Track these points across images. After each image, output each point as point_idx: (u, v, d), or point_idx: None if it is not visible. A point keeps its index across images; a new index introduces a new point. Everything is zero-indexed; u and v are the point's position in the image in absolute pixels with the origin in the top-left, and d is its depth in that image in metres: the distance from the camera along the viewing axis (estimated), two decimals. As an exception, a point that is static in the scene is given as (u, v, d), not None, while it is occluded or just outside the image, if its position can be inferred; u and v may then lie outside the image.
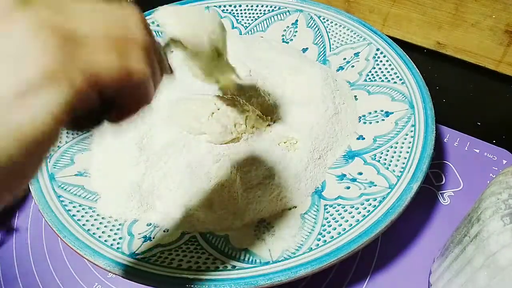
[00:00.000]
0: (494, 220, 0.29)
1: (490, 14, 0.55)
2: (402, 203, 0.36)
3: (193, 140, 0.42)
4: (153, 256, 0.35)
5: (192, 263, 0.35)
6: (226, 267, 0.34)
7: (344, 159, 0.43)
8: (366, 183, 0.40)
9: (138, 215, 0.40)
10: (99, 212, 0.39)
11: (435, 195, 0.46)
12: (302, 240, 0.36)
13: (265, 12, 0.58)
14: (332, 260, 0.33)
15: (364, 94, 0.48)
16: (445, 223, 0.44)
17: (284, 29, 0.57)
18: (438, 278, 0.37)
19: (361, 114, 0.47)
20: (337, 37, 0.54)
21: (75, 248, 0.35)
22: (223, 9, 0.58)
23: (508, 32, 0.55)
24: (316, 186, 0.41)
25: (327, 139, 0.43)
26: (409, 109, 0.44)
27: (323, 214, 0.38)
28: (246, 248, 0.36)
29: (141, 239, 0.37)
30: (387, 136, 0.43)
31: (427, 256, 0.41)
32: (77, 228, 0.37)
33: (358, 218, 0.36)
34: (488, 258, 0.29)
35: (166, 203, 0.40)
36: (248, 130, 0.42)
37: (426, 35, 0.62)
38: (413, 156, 0.39)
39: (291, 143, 0.42)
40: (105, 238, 0.37)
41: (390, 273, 0.41)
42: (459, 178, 0.47)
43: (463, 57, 0.61)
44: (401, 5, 0.61)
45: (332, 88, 0.47)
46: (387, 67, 0.49)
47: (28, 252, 0.44)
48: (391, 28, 0.64)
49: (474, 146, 0.50)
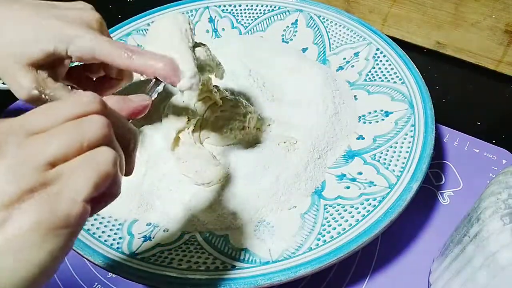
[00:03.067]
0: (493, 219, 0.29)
1: (490, 14, 0.55)
2: (402, 203, 0.36)
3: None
4: (153, 256, 0.35)
5: (192, 263, 0.35)
6: (226, 267, 0.34)
7: (344, 159, 0.43)
8: (366, 183, 0.40)
9: (138, 215, 0.40)
10: (99, 212, 0.39)
11: (435, 195, 0.46)
12: (302, 240, 0.36)
13: (265, 12, 0.58)
14: (331, 260, 0.33)
15: (364, 94, 0.48)
16: (445, 223, 0.44)
17: (284, 29, 0.57)
18: (438, 278, 0.37)
19: (361, 114, 0.47)
20: (337, 37, 0.54)
21: (75, 248, 0.35)
22: (223, 9, 0.58)
23: (508, 32, 0.55)
24: (316, 186, 0.41)
25: (327, 139, 0.43)
26: (409, 109, 0.44)
27: (323, 214, 0.38)
28: (246, 248, 0.36)
29: (141, 239, 0.37)
30: (387, 136, 0.43)
31: (426, 255, 0.41)
32: (77, 228, 0.37)
33: (357, 218, 0.36)
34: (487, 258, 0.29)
35: (166, 203, 0.40)
36: (250, 131, 0.42)
37: (426, 35, 0.62)
38: (413, 156, 0.40)
39: (291, 143, 0.42)
40: (105, 238, 0.37)
41: (389, 273, 0.41)
42: (458, 178, 0.47)
43: (463, 57, 0.61)
44: (401, 5, 0.61)
45: (332, 88, 0.47)
46: (387, 67, 0.49)
47: (28, 252, 0.44)
48: (391, 28, 0.64)
49: (474, 146, 0.50)
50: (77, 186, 0.18)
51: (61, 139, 0.18)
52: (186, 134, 0.40)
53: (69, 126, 0.19)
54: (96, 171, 0.19)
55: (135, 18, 0.58)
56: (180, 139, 0.40)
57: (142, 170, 0.41)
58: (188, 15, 0.58)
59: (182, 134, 0.40)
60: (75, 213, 0.18)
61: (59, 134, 0.19)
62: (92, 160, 0.19)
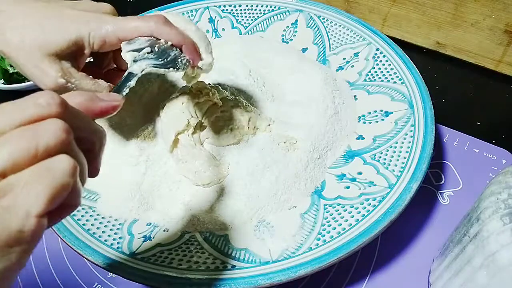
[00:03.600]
0: (493, 219, 0.29)
1: (490, 14, 0.55)
2: (402, 202, 0.36)
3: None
4: (153, 255, 0.35)
5: (192, 263, 0.35)
6: (226, 266, 0.34)
7: (343, 159, 0.43)
8: (365, 182, 0.40)
9: (138, 214, 0.40)
10: (99, 212, 0.39)
11: (435, 194, 0.46)
12: (301, 240, 0.36)
13: (265, 12, 0.58)
14: (331, 259, 0.33)
15: (363, 94, 0.48)
16: (445, 222, 0.44)
17: (284, 29, 0.57)
18: (438, 278, 0.37)
19: (361, 114, 0.47)
20: (336, 37, 0.54)
21: (75, 248, 0.35)
22: (223, 9, 0.58)
23: (507, 32, 0.55)
24: (315, 185, 0.41)
25: (326, 139, 0.43)
26: (409, 109, 0.44)
27: (323, 214, 0.38)
28: (246, 248, 0.36)
29: (141, 238, 0.37)
30: (387, 136, 0.43)
31: (426, 255, 0.41)
32: (77, 228, 0.37)
33: (357, 218, 0.36)
34: (487, 258, 0.29)
35: (166, 203, 0.40)
36: (250, 131, 0.42)
37: (425, 35, 0.62)
38: (412, 156, 0.40)
39: (290, 143, 0.42)
40: (105, 238, 0.37)
41: (389, 273, 0.41)
42: (458, 177, 0.48)
43: (462, 57, 0.61)
44: (401, 5, 0.61)
45: (331, 88, 0.47)
46: (387, 67, 0.49)
47: (28, 252, 0.44)
48: (391, 28, 0.64)
49: (474, 146, 0.50)
50: (30, 199, 0.16)
51: (12, 147, 0.17)
52: (186, 136, 0.40)
53: (22, 132, 0.17)
54: (51, 182, 0.17)
55: (135, 18, 0.57)
56: (179, 141, 0.40)
57: (142, 170, 0.41)
58: (188, 15, 0.58)
59: (182, 136, 0.40)
60: (29, 229, 0.16)
61: (9, 141, 0.17)
62: (47, 170, 0.17)
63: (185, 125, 0.40)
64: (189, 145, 0.40)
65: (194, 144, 0.40)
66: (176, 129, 0.40)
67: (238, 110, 0.42)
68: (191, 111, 0.40)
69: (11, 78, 0.59)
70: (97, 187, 0.42)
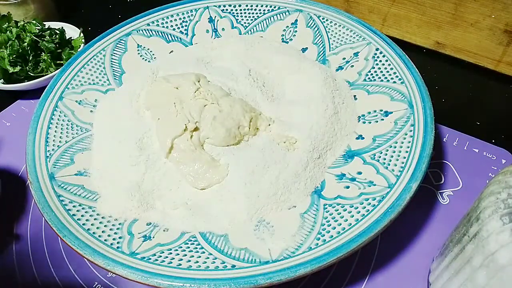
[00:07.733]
0: (493, 219, 0.29)
1: (490, 14, 0.55)
2: (402, 202, 0.36)
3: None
4: (153, 255, 0.35)
5: (192, 263, 0.35)
6: (225, 266, 0.34)
7: (343, 159, 0.43)
8: (365, 182, 0.40)
9: (138, 214, 0.40)
10: (99, 212, 0.39)
11: (434, 194, 0.46)
12: (301, 240, 0.36)
13: (265, 12, 0.58)
14: (331, 259, 0.33)
15: (363, 94, 0.48)
16: (444, 222, 0.44)
17: (284, 29, 0.57)
18: (437, 278, 0.37)
19: (361, 114, 0.47)
20: (336, 37, 0.54)
21: (75, 248, 0.35)
22: (222, 9, 0.59)
23: (507, 31, 0.56)
24: (315, 185, 0.41)
25: (326, 139, 0.43)
26: (409, 108, 0.44)
27: (323, 214, 0.38)
28: (246, 248, 0.36)
29: (141, 238, 0.37)
30: (387, 136, 0.43)
31: (426, 255, 0.41)
32: (77, 228, 0.37)
33: (357, 218, 0.36)
34: (487, 258, 0.29)
35: (166, 203, 0.40)
36: (251, 131, 0.42)
37: (425, 35, 0.62)
38: (412, 156, 0.40)
39: (290, 142, 0.42)
40: (105, 238, 0.37)
41: (389, 273, 0.41)
42: (458, 177, 0.48)
43: (462, 57, 0.61)
44: (401, 5, 0.61)
45: (331, 88, 0.47)
46: (387, 67, 0.49)
47: (28, 253, 0.44)
48: (391, 28, 0.64)
49: (473, 146, 0.50)
50: None
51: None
52: (185, 141, 0.40)
53: None
54: None
55: (135, 18, 0.58)
56: (176, 146, 0.41)
57: (142, 170, 0.41)
58: (188, 15, 0.58)
59: (181, 140, 0.40)
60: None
61: None
62: None
63: (182, 130, 0.40)
64: (189, 149, 0.40)
65: (194, 148, 0.40)
66: (172, 135, 0.40)
67: (238, 110, 0.42)
68: (186, 114, 0.40)
69: (11, 78, 0.59)
70: (97, 187, 0.42)
